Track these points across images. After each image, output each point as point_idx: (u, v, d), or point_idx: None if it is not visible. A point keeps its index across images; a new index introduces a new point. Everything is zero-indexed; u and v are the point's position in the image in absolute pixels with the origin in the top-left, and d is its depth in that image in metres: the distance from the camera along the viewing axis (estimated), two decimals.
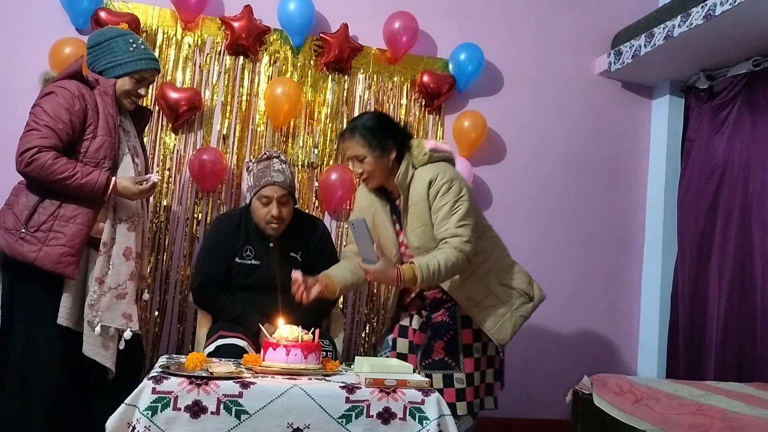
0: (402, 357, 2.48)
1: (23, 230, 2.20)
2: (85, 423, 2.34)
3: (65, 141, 2.24)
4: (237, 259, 2.66)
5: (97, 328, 2.26)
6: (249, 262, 2.66)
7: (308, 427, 1.86)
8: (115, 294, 2.30)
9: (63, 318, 2.24)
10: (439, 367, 2.38)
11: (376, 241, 2.26)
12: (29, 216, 2.21)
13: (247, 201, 2.71)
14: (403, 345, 2.54)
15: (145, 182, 2.30)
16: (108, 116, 2.32)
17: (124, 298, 2.31)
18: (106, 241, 2.30)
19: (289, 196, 2.63)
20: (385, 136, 2.34)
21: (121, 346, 2.33)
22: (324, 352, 2.27)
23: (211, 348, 2.48)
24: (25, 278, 2.25)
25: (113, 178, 2.26)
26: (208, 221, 3.26)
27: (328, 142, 3.45)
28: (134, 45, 2.38)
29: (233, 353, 2.37)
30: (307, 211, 3.32)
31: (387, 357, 2.51)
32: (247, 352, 2.41)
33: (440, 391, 2.18)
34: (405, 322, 2.55)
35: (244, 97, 3.37)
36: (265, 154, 2.79)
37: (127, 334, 2.32)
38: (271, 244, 2.68)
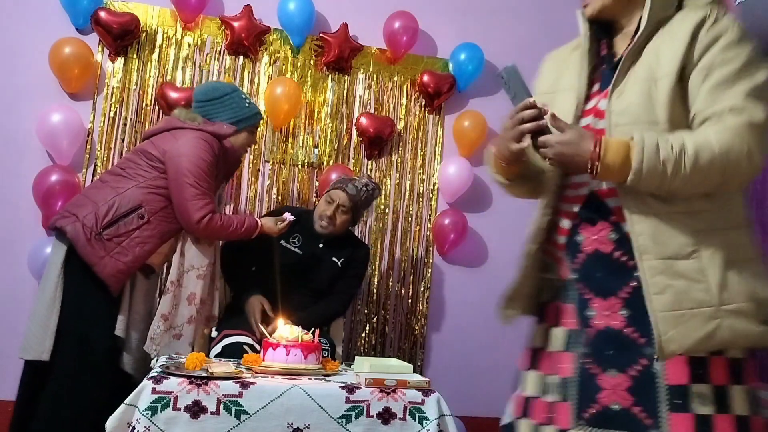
0: (539, 409, 1.43)
1: (97, 233, 2.29)
2: None
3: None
4: (282, 242, 2.77)
5: (154, 361, 2.39)
6: (292, 248, 2.78)
7: (308, 427, 1.86)
8: (173, 333, 2.47)
9: (120, 330, 2.36)
10: (617, 424, 1.28)
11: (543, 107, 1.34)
12: (110, 223, 2.31)
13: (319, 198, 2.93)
14: (535, 383, 1.47)
15: (280, 221, 2.63)
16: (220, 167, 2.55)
17: (179, 339, 2.47)
18: (173, 281, 2.47)
19: (350, 210, 2.79)
20: None
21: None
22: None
23: (217, 349, 2.50)
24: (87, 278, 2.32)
25: (260, 221, 2.58)
26: None
27: (328, 142, 3.45)
28: (247, 100, 2.61)
29: (240, 351, 2.39)
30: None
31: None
32: (255, 349, 2.43)
33: None
34: (538, 341, 1.50)
35: None
36: (365, 175, 3.13)
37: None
38: (320, 245, 2.80)
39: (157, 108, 3.24)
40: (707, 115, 1.27)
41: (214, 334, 2.60)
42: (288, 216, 2.64)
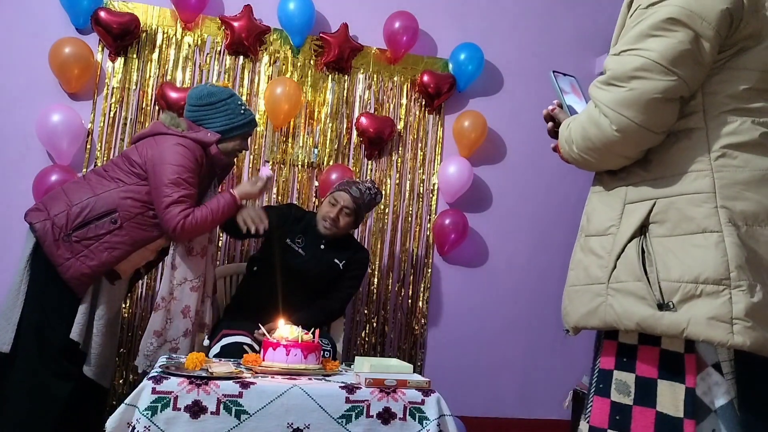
0: None
1: (66, 234, 2.26)
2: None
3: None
4: (288, 241, 2.79)
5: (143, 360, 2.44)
6: (296, 248, 2.79)
7: (308, 427, 1.86)
8: (168, 347, 2.46)
9: (76, 335, 2.30)
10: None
11: None
12: (81, 225, 2.28)
13: (322, 199, 2.91)
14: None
15: (259, 181, 2.50)
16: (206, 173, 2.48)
17: (176, 352, 2.45)
18: (164, 296, 2.47)
19: (353, 213, 2.79)
20: None
21: None
22: (323, 352, 2.28)
23: (216, 349, 2.50)
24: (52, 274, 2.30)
25: (234, 192, 2.46)
26: None
27: (328, 142, 3.44)
28: (243, 107, 2.54)
29: (238, 351, 2.39)
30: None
31: None
32: (254, 349, 2.43)
33: None
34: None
35: (244, 97, 3.36)
36: (368, 180, 3.04)
37: None
38: (322, 246, 2.80)
39: (157, 108, 3.24)
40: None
41: (206, 342, 2.58)
42: (265, 171, 2.53)
